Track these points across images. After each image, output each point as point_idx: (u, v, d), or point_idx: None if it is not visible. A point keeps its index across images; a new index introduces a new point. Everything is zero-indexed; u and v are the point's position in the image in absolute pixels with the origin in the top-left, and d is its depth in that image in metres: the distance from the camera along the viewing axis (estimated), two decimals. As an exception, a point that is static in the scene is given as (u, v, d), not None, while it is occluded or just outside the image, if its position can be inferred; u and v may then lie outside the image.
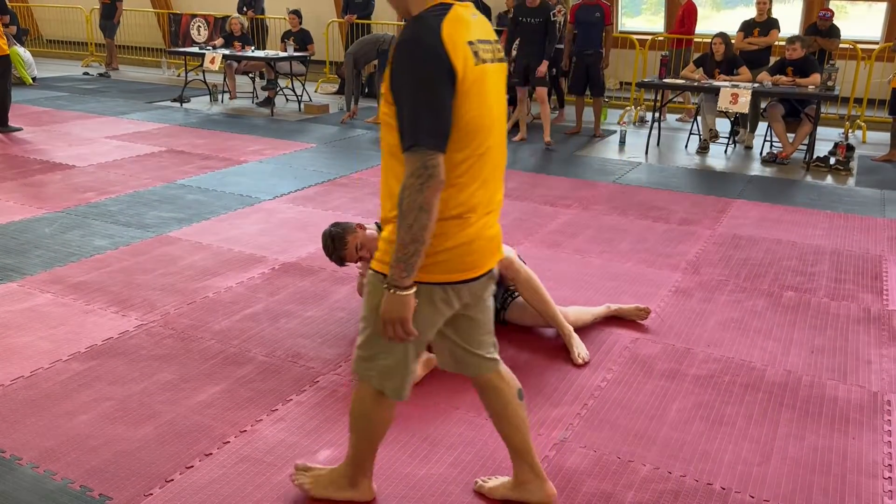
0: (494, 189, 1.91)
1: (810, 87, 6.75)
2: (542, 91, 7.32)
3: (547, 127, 7.41)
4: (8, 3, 8.16)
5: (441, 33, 1.70)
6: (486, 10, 8.79)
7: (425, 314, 1.88)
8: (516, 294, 3.37)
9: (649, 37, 9.76)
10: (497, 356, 2.13)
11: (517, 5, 7.39)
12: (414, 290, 1.79)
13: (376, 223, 3.51)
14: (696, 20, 9.12)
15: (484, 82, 1.79)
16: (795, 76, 6.92)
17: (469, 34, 1.76)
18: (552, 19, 7.16)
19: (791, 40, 7.00)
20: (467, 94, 1.74)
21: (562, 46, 8.10)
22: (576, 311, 3.39)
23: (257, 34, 11.09)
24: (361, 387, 2.06)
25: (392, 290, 1.77)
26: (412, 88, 1.70)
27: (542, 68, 7.16)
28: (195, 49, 9.79)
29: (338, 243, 3.14)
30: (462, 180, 1.80)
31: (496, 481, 2.30)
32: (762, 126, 7.69)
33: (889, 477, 2.43)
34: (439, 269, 1.84)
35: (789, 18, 10.33)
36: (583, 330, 3.38)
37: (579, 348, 3.16)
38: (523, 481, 2.22)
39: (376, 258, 1.89)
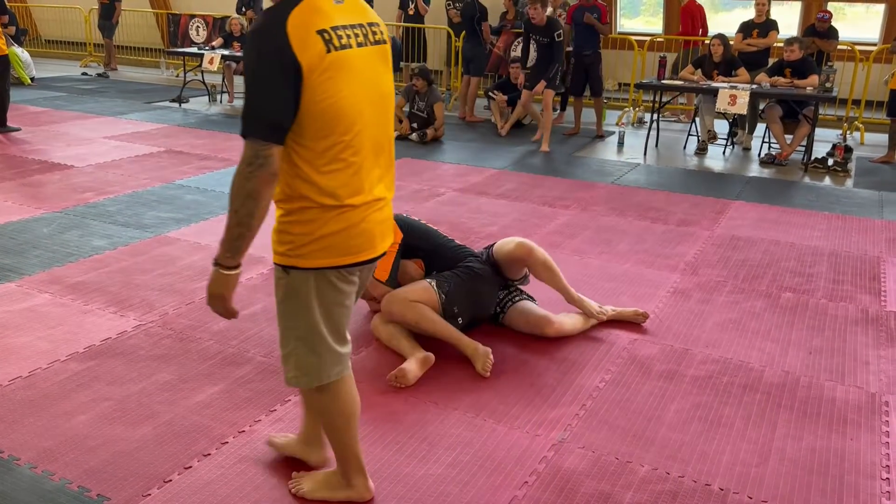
0: (375, 173, 1.94)
1: (808, 88, 6.76)
2: (548, 95, 7.31)
3: (547, 135, 7.39)
4: (7, 4, 8.14)
5: (286, 25, 1.72)
6: (482, 10, 8.79)
7: (328, 297, 1.94)
8: (517, 298, 3.38)
9: (648, 38, 9.77)
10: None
11: (526, 21, 7.46)
12: (238, 271, 1.86)
13: None
14: (703, 20, 9.10)
15: (346, 68, 1.81)
16: (793, 77, 6.93)
17: (324, 22, 1.77)
18: (556, 40, 7.19)
19: (789, 42, 7.01)
20: (321, 82, 1.76)
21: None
22: (573, 320, 3.39)
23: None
24: (303, 393, 2.10)
25: (216, 268, 1.85)
26: (251, 79, 1.75)
27: (538, 88, 7.25)
28: (194, 49, 9.79)
29: None
30: (331, 167, 1.83)
31: (286, 438, 2.43)
32: (760, 127, 7.70)
33: (887, 478, 2.44)
34: (324, 255, 1.90)
35: (788, 20, 10.35)
36: (579, 333, 3.39)
37: (596, 307, 3.43)
38: (309, 441, 2.35)
39: (273, 249, 1.95)
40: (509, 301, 3.38)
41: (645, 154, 7.30)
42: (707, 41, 7.92)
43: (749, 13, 8.13)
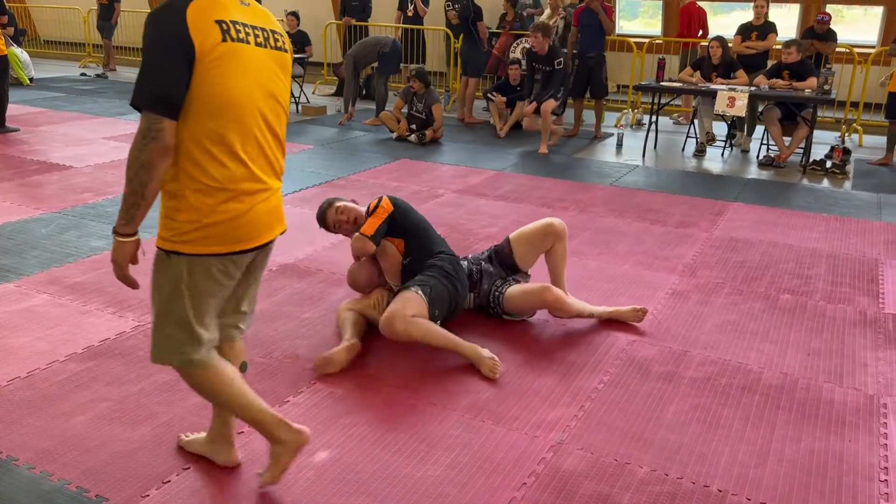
0: (262, 166, 2.02)
1: (807, 90, 6.77)
2: (547, 104, 7.32)
3: (545, 140, 7.39)
4: (6, 4, 8.14)
5: (186, 10, 1.82)
6: (476, 10, 8.80)
7: (203, 284, 2.03)
8: (505, 286, 3.44)
9: (646, 40, 9.78)
10: (240, 333, 2.31)
11: (528, 49, 7.53)
12: (133, 239, 1.97)
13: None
14: (702, 22, 9.11)
15: (240, 59, 1.90)
16: (792, 80, 6.95)
17: (224, 14, 1.88)
18: (556, 68, 7.28)
19: (787, 44, 7.02)
20: (213, 67, 1.85)
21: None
22: (578, 303, 3.50)
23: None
24: (180, 373, 2.14)
25: (114, 236, 1.97)
26: (147, 55, 1.83)
27: (546, 107, 7.29)
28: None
29: (319, 216, 3.50)
30: (219, 153, 1.91)
31: (194, 437, 2.47)
32: (759, 129, 7.71)
33: (885, 479, 2.44)
34: (208, 243, 1.97)
35: (786, 22, 10.36)
36: (579, 332, 3.40)
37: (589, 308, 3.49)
38: (214, 439, 2.39)
39: (158, 234, 2.02)
40: (498, 292, 3.43)
41: (644, 156, 7.31)
42: (706, 43, 7.93)
43: (748, 15, 8.15)
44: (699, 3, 9.17)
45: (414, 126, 7.69)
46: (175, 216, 1.96)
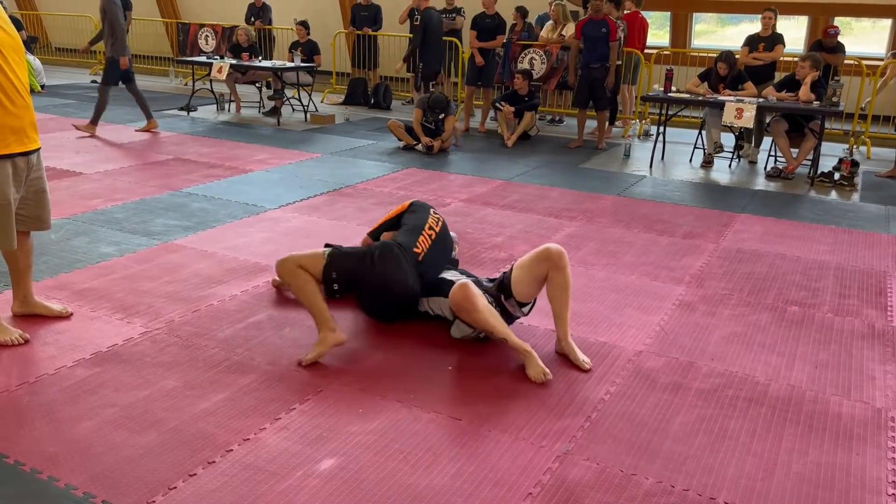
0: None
1: (815, 102, 6.76)
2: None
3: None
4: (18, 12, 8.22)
5: None
6: (458, 11, 8.88)
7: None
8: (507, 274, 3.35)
9: (654, 51, 9.80)
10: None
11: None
12: None
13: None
14: (642, 35, 9.15)
15: None
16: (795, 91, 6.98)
17: None
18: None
19: (803, 58, 7.06)
20: None
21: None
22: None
23: (265, 44, 11.16)
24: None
25: None
26: None
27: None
28: (203, 58, 9.85)
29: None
30: None
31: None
32: (766, 141, 7.70)
33: (893, 493, 2.43)
34: None
35: (794, 34, 10.37)
36: (585, 342, 3.39)
37: (581, 357, 3.21)
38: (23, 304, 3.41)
39: None
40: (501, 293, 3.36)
41: (651, 166, 7.31)
42: (700, 55, 7.94)
43: (755, 27, 8.15)
44: (641, 14, 9.19)
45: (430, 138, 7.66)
46: None
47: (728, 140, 7.83)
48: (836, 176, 6.78)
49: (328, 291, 3.27)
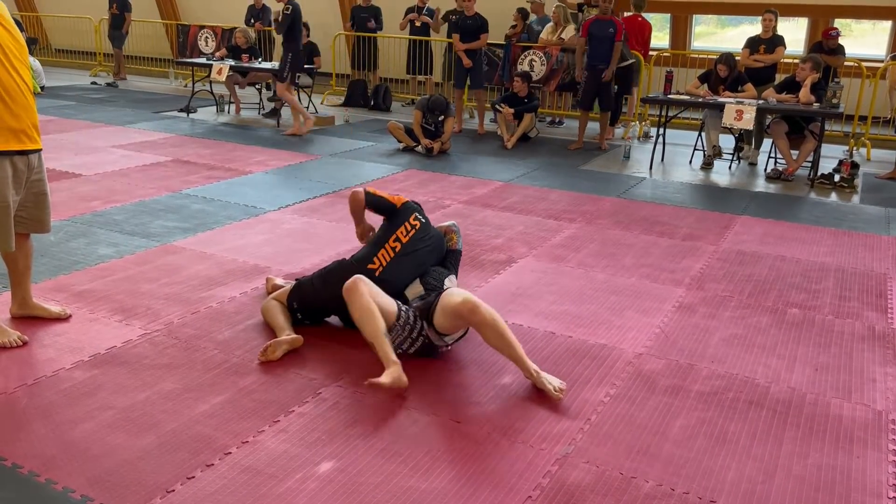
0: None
1: (814, 104, 6.76)
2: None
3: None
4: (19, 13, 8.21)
5: None
6: (483, 23, 8.86)
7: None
8: (437, 302, 3.12)
9: (654, 52, 9.79)
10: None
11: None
12: None
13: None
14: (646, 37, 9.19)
15: None
16: (794, 92, 6.97)
17: None
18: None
19: (804, 59, 7.06)
20: None
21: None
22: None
23: (265, 46, 11.16)
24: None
25: None
26: None
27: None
28: (202, 60, 9.84)
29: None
30: None
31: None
32: (766, 142, 7.70)
33: (893, 496, 2.42)
34: None
35: (794, 35, 10.36)
36: (585, 345, 3.39)
37: (552, 382, 2.94)
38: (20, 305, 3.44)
39: None
40: (425, 323, 3.15)
41: (651, 168, 7.31)
42: (702, 56, 7.95)
43: (755, 29, 8.15)
44: (642, 16, 9.19)
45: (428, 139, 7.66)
46: None
47: (728, 142, 7.84)
48: (837, 178, 6.77)
49: (294, 319, 3.42)
